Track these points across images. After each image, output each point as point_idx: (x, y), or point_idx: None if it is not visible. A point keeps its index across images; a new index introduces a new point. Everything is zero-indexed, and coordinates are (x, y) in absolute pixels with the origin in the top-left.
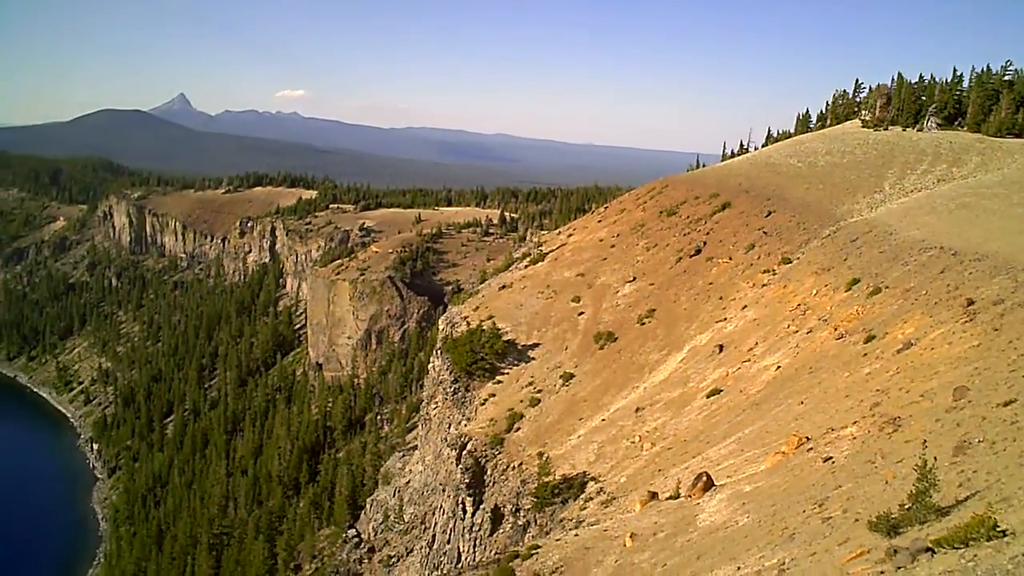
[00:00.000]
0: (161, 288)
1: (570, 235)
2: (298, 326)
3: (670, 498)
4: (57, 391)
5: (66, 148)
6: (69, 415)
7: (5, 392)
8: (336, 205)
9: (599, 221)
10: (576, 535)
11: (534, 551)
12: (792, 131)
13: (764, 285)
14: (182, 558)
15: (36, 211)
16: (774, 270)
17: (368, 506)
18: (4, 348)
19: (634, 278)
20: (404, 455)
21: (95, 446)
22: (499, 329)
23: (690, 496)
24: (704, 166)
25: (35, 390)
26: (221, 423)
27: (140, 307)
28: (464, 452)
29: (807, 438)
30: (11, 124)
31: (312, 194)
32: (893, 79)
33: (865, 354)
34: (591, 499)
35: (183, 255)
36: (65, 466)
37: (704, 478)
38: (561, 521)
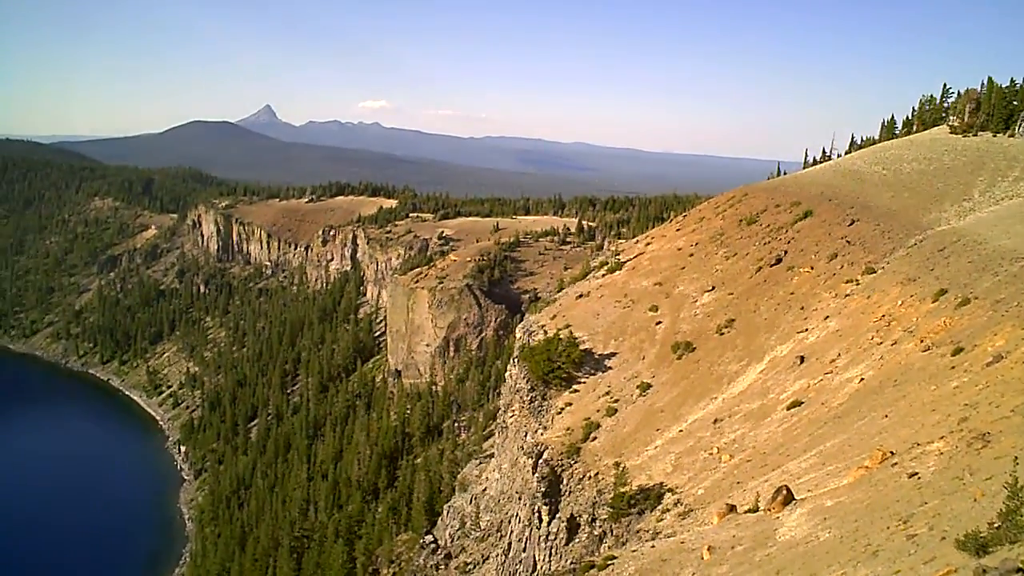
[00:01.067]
0: (246, 295)
1: (648, 244)
2: (378, 333)
3: (749, 511)
4: (147, 394)
5: (158, 159)
6: (158, 417)
7: (99, 394)
8: (416, 214)
9: (677, 230)
10: (653, 547)
11: (610, 562)
12: (877, 138)
13: (847, 295)
14: (264, 560)
15: (129, 220)
16: (858, 280)
17: (445, 512)
18: (98, 352)
19: (713, 287)
20: (481, 462)
21: (182, 448)
22: (576, 338)
23: (769, 510)
24: (785, 174)
25: (127, 393)
26: (303, 428)
27: (226, 313)
28: (540, 461)
29: (891, 453)
30: (107, 136)
31: (392, 203)
32: (983, 83)
33: (953, 367)
34: (668, 511)
35: (268, 263)
36: (154, 467)
37: (784, 492)
38: (637, 532)
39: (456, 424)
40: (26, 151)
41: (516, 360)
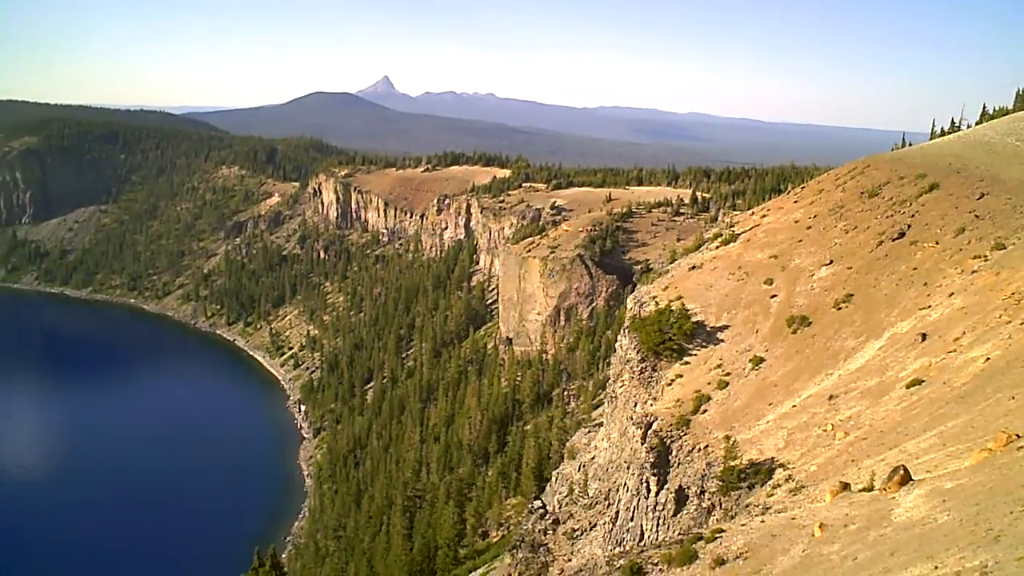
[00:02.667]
0: (364, 261)
1: (764, 216)
2: (490, 301)
3: (863, 490)
4: (270, 355)
5: (281, 129)
6: (280, 378)
7: (226, 354)
8: (529, 184)
9: (795, 202)
10: (762, 521)
11: (718, 535)
12: (1010, 108)
13: (974, 271)
14: (378, 517)
15: (254, 188)
16: (986, 256)
17: (553, 479)
18: (225, 314)
19: (831, 261)
20: (590, 431)
21: (302, 408)
22: (688, 310)
23: (885, 489)
24: (910, 145)
25: (251, 353)
26: (416, 391)
27: (345, 279)
28: (649, 431)
29: (1018, 435)
30: (234, 107)
31: (506, 173)
32: None
33: None
34: (779, 486)
35: (384, 230)
36: (276, 424)
37: (901, 471)
38: (747, 506)
39: (566, 392)
40: (159, 121)
41: (627, 331)
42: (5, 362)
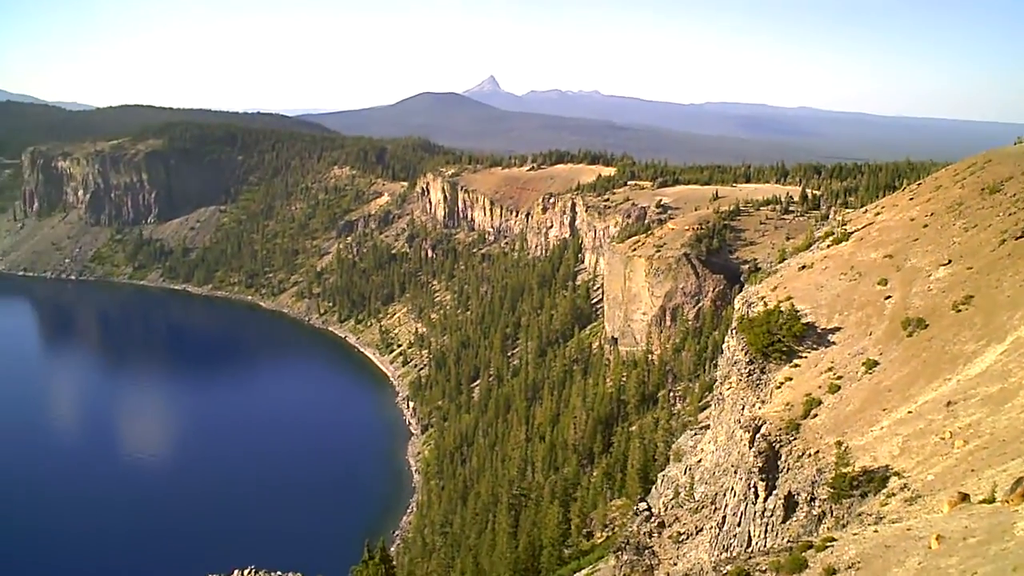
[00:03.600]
0: (470, 260)
1: (877, 214)
2: (595, 300)
3: (984, 502)
4: (380, 352)
5: (390, 129)
6: (389, 374)
7: (338, 351)
8: (634, 182)
9: (910, 199)
10: (875, 531)
11: (829, 543)
12: None
13: None
14: (484, 515)
15: (365, 187)
16: None
17: (659, 481)
18: (337, 311)
19: (949, 261)
20: (696, 433)
21: (411, 404)
22: (798, 311)
23: (1007, 501)
24: None
25: (361, 350)
26: (522, 390)
27: (452, 277)
28: (758, 435)
29: None
30: (346, 109)
31: (611, 171)
32: None
33: None
34: (893, 495)
35: (490, 229)
36: (386, 420)
37: None
38: (859, 515)
39: (672, 394)
40: (275, 123)
41: (734, 331)
42: (133, 355)
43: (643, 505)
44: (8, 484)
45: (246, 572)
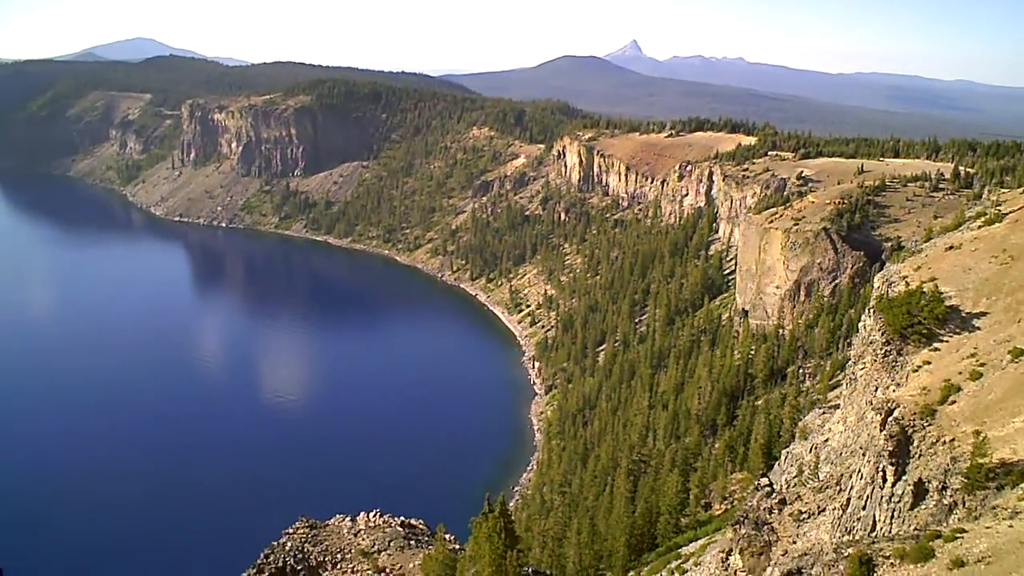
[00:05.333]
0: (603, 225)
1: None
2: (727, 271)
3: None
4: (509, 311)
5: (530, 91)
6: (517, 334)
7: (468, 307)
8: (775, 152)
9: None
10: (1010, 526)
11: (959, 535)
12: None
13: None
14: (603, 477)
15: (502, 149)
16: None
17: (783, 458)
18: (469, 269)
19: None
20: (824, 412)
21: (536, 364)
22: (941, 293)
23: None
24: None
25: (491, 308)
26: (647, 357)
27: (583, 241)
28: (890, 419)
29: None
30: (487, 70)
31: (751, 140)
32: None
33: None
34: None
35: (624, 195)
36: (511, 379)
37: None
38: (993, 508)
39: (801, 370)
40: (418, 83)
41: (872, 310)
42: (275, 301)
43: (764, 480)
44: (163, 419)
45: (372, 515)
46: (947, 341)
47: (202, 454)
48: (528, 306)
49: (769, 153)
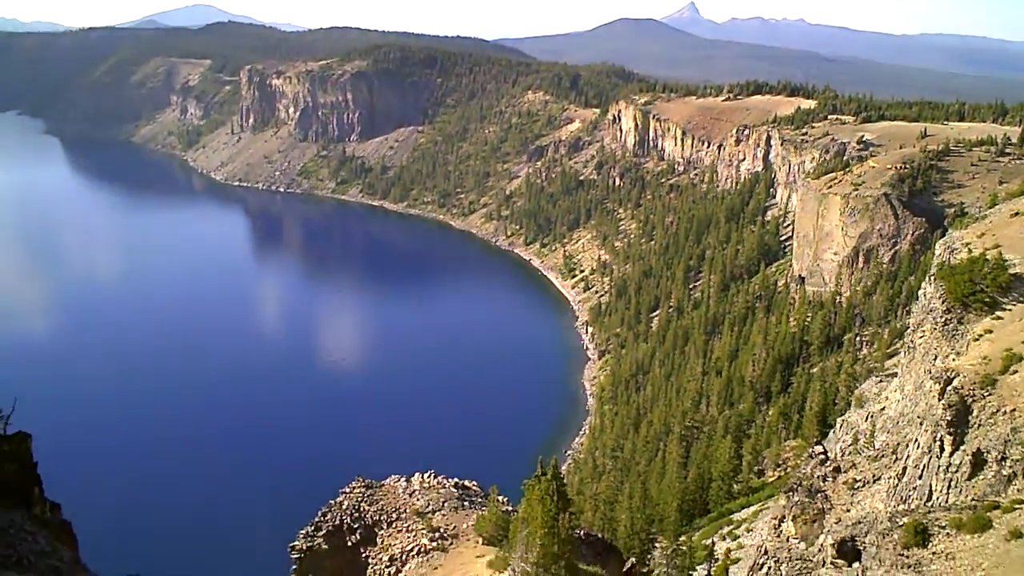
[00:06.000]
0: (658, 190)
1: None
2: (784, 237)
3: None
4: (562, 276)
5: (586, 55)
6: (570, 299)
7: (521, 272)
8: (835, 116)
9: None
10: None
11: (1018, 506)
12: None
13: None
14: (655, 443)
15: (557, 113)
16: None
17: (838, 426)
18: (523, 233)
19: None
20: (881, 380)
21: (589, 329)
22: (1005, 260)
23: None
24: None
25: (544, 273)
26: (701, 323)
27: (638, 206)
28: (949, 388)
29: None
30: (543, 34)
31: (811, 104)
32: None
33: None
34: None
35: (680, 160)
36: (564, 343)
37: None
38: None
39: (858, 338)
40: (473, 48)
41: (932, 278)
42: (331, 264)
43: (819, 448)
44: (223, 379)
45: (426, 476)
46: (1010, 310)
47: (261, 414)
48: (582, 271)
49: (829, 117)
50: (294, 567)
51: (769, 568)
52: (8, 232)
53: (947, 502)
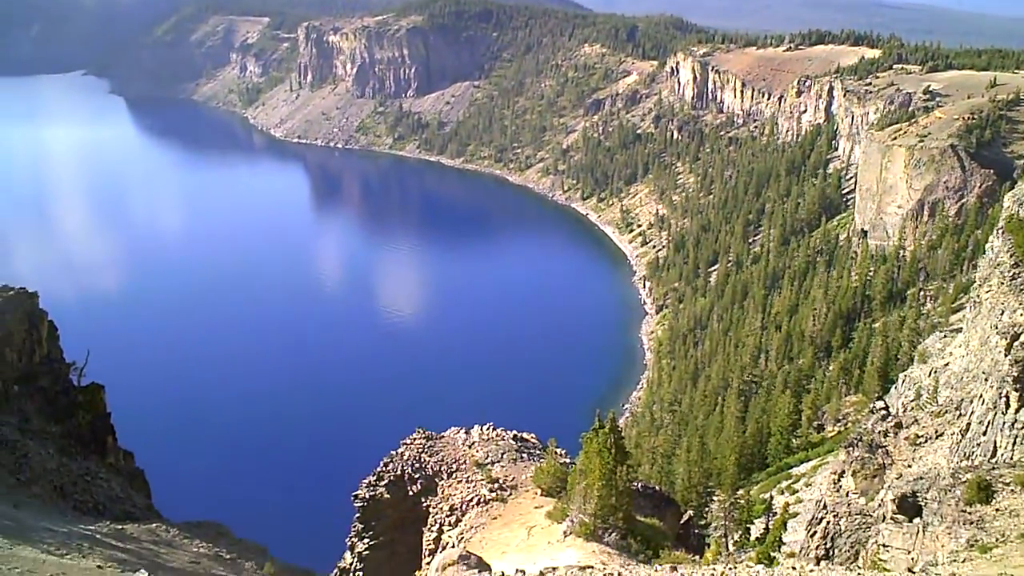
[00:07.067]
0: (717, 143)
1: None
2: (846, 190)
3: None
4: (619, 231)
5: (643, 5)
6: (627, 253)
7: (578, 227)
8: (900, 65)
9: None
10: None
11: None
12: None
13: None
14: (712, 397)
15: (614, 66)
16: None
17: (899, 381)
18: (580, 188)
19: None
20: (945, 335)
21: (647, 284)
22: None
23: None
24: None
25: (601, 228)
26: (761, 278)
27: (696, 160)
28: (1016, 343)
29: None
30: None
31: (875, 53)
32: None
33: None
34: None
35: (740, 112)
36: (622, 298)
37: None
38: None
39: (922, 292)
40: (528, 0)
41: (1001, 231)
42: (389, 220)
43: (880, 404)
44: (284, 331)
45: (485, 428)
46: None
47: (323, 366)
48: (639, 226)
49: (894, 67)
50: (357, 515)
51: (828, 523)
52: (79, 190)
53: (1012, 459)
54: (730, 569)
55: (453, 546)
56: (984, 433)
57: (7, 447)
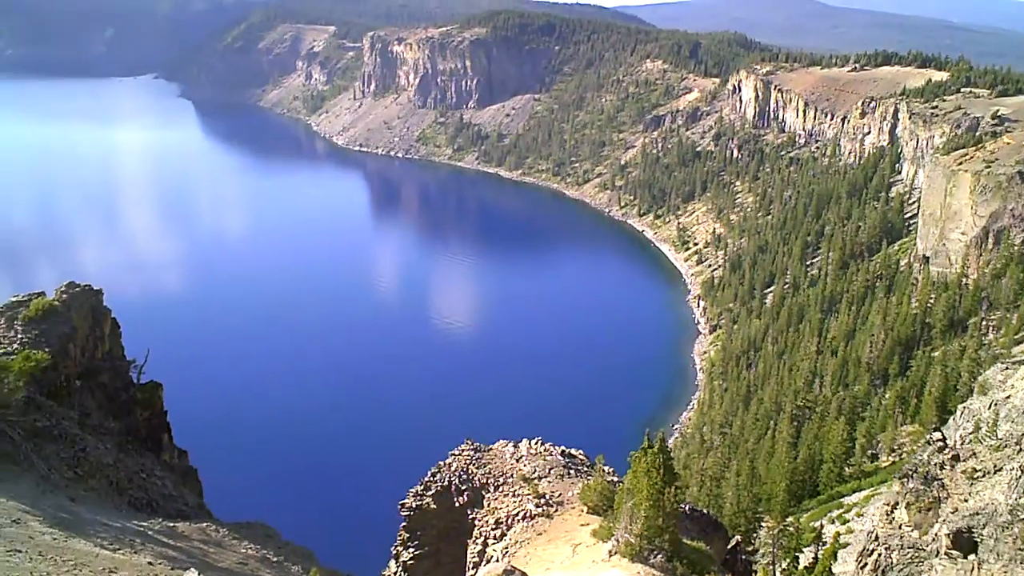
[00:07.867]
0: (777, 163)
1: None
2: (908, 215)
3: None
4: (675, 249)
5: (707, 22)
6: (683, 272)
7: (634, 243)
8: (968, 89)
9: None
10: None
11: None
12: None
13: None
14: (764, 421)
15: (675, 82)
16: None
17: (958, 412)
18: (637, 204)
19: None
20: (1007, 367)
21: (701, 303)
22: None
23: None
24: None
25: (657, 245)
26: (818, 301)
27: (756, 179)
28: None
29: None
30: (663, 1)
31: (943, 76)
32: None
33: None
34: None
35: (801, 132)
36: (675, 316)
37: None
38: None
39: (984, 322)
40: (592, 15)
41: None
42: (447, 229)
43: (937, 435)
44: (339, 337)
45: (533, 442)
46: None
47: (375, 374)
48: (695, 244)
49: (962, 90)
50: (403, 524)
51: (879, 555)
52: (147, 191)
53: None
54: None
55: (497, 560)
56: None
57: (66, 441)
